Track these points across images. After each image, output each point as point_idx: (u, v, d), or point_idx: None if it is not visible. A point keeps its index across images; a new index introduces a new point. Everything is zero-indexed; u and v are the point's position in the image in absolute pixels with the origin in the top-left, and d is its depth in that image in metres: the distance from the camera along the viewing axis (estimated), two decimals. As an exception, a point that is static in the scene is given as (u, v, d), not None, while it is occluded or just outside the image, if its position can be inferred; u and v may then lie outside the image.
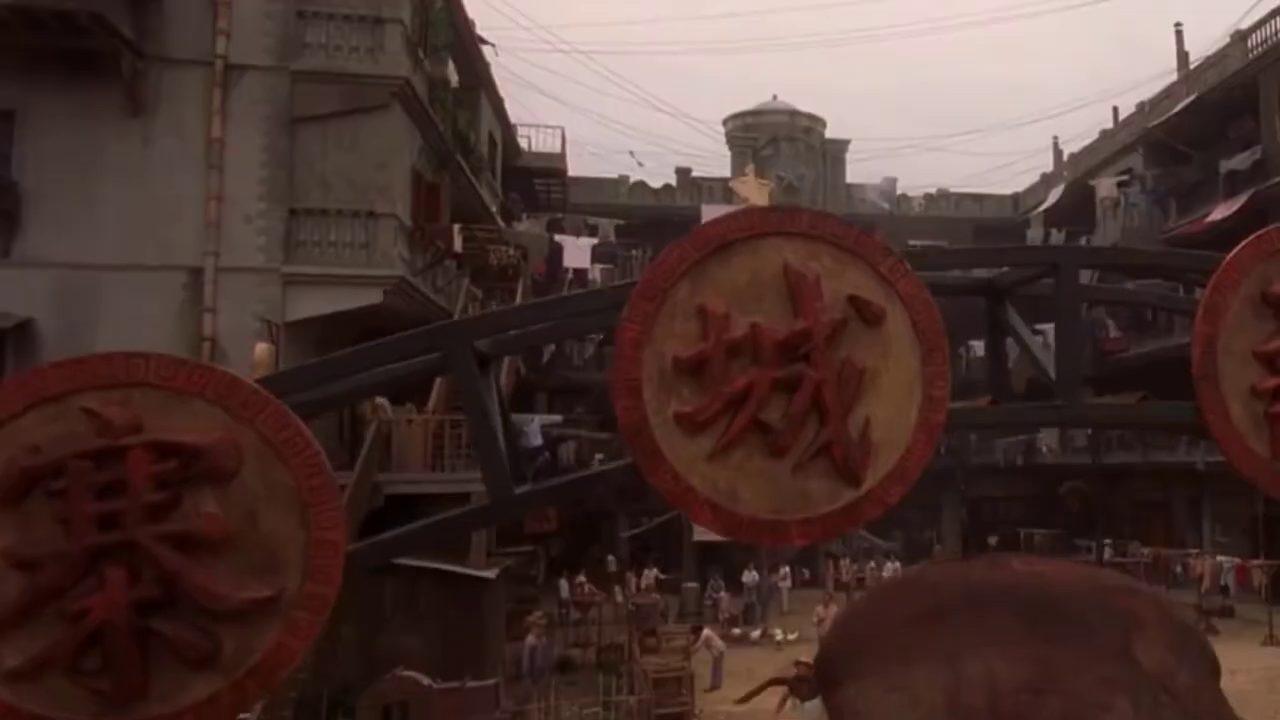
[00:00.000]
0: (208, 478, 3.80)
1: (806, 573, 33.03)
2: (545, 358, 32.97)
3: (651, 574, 29.42)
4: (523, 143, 34.03)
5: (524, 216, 33.17)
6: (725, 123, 44.73)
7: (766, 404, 4.52)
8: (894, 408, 4.68)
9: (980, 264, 6.00)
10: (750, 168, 37.18)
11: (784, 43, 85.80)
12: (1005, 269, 6.59)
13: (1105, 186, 33.59)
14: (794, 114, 44.30)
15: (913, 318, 4.72)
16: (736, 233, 4.59)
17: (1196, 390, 5.16)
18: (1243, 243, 5.27)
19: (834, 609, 21.07)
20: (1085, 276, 25.21)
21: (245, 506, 3.82)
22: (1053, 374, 5.45)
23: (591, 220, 35.54)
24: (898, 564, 32.23)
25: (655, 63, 72.55)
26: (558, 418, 30.16)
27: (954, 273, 7.01)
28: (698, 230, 4.69)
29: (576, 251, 24.55)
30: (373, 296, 18.83)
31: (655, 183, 41.96)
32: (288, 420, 3.96)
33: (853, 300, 4.63)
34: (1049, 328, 24.14)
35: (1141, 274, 8.84)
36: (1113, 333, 32.40)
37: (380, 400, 18.10)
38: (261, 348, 17.39)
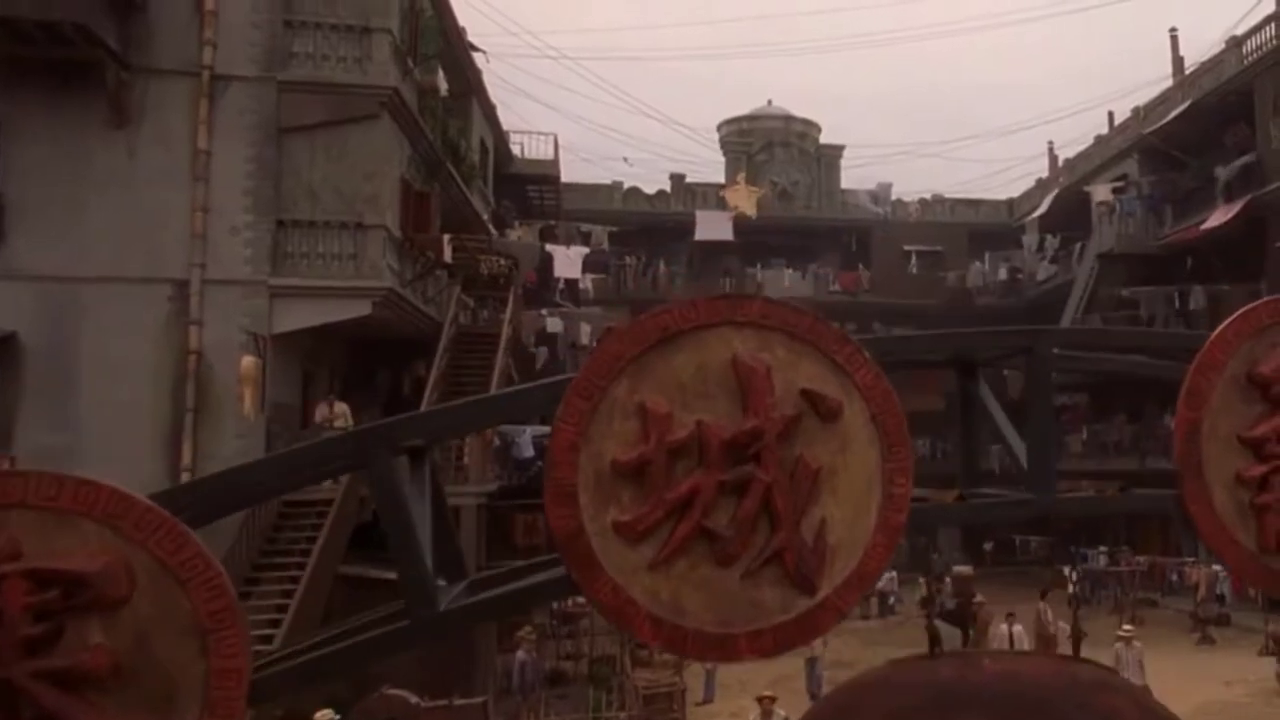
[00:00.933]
0: (94, 606, 3.42)
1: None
2: (539, 365, 32.62)
3: (645, 583, 28.89)
4: (515, 149, 33.71)
5: (517, 224, 32.85)
6: (720, 128, 44.43)
7: (712, 509, 4.17)
8: (852, 508, 4.32)
9: (949, 347, 5.52)
10: (741, 175, 36.88)
11: (781, 48, 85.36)
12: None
13: (1100, 193, 33.27)
14: (789, 119, 44.00)
15: (872, 410, 4.33)
16: (681, 323, 4.20)
17: (1178, 479, 4.77)
18: (1227, 320, 4.91)
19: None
20: (1085, 273, 24.71)
21: (137, 636, 3.43)
22: (1024, 461, 5.01)
23: (585, 227, 35.26)
24: (894, 574, 31.74)
25: (648, 69, 72.05)
26: (549, 429, 29.78)
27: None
28: (638, 322, 4.26)
29: (567, 261, 24.19)
30: (361, 308, 18.54)
31: (649, 188, 41.72)
32: (185, 540, 3.58)
33: (807, 394, 4.26)
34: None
35: (1120, 347, 8.09)
36: (1107, 339, 32.07)
37: (341, 408, 17.73)
38: (248, 361, 17.14)
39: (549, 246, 25.79)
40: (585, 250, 26.84)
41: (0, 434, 16.88)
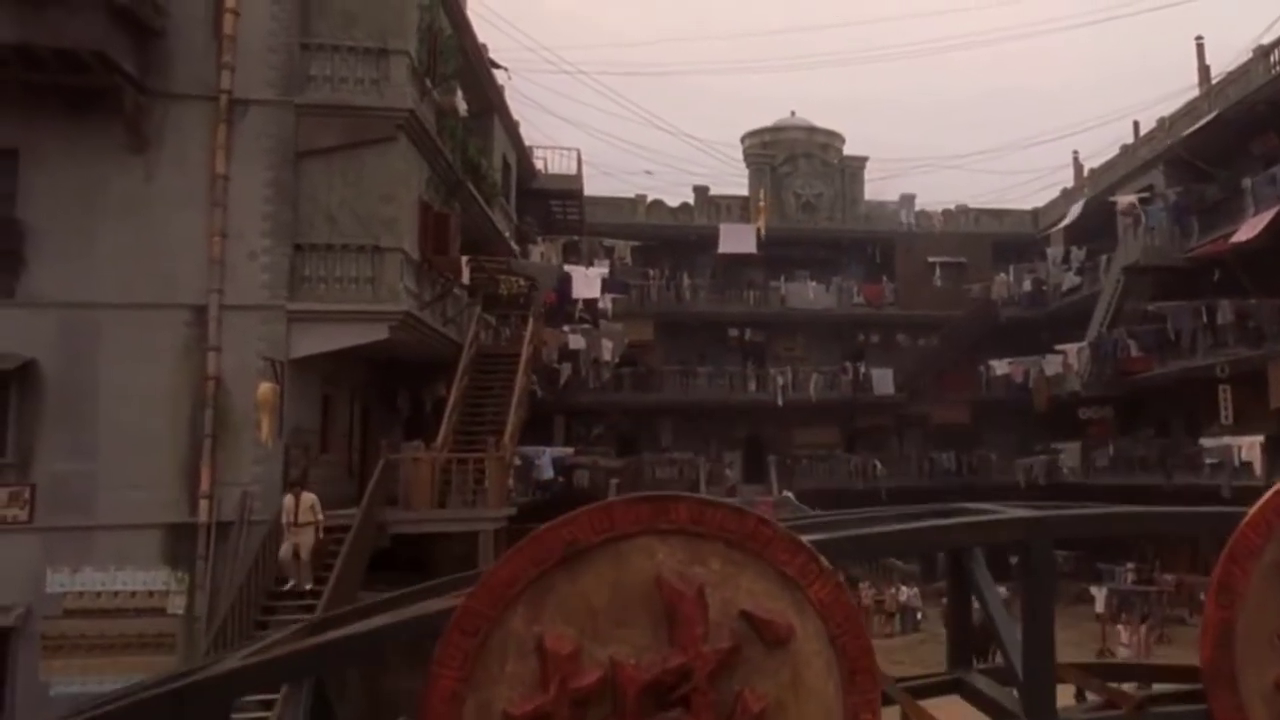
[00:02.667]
0: None
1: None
2: (562, 381, 32.35)
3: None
4: (538, 164, 33.41)
5: (539, 239, 32.54)
6: (743, 140, 43.93)
7: None
8: None
9: (930, 544, 4.84)
10: (761, 192, 36.43)
11: (802, 61, 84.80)
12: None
13: (1126, 204, 32.55)
14: (812, 130, 43.44)
15: (830, 632, 3.57)
16: (591, 535, 3.46)
17: (1208, 691, 4.00)
18: (1263, 497, 4.23)
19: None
20: (1110, 286, 23.86)
21: None
22: (1019, 668, 4.21)
23: (608, 242, 34.91)
24: (916, 590, 31.19)
25: (670, 82, 71.74)
26: (569, 450, 29.59)
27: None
28: (537, 535, 3.53)
29: (586, 282, 23.79)
30: (379, 332, 18.31)
31: (673, 201, 41.31)
32: None
33: (748, 616, 3.52)
34: (1070, 347, 23.00)
35: (1130, 527, 6.88)
36: (1134, 352, 31.35)
37: (308, 499, 16.20)
38: (265, 387, 16.94)
39: (567, 267, 25.47)
40: (604, 271, 26.47)
41: (20, 462, 16.75)
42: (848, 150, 43.89)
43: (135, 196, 17.50)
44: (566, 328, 28.90)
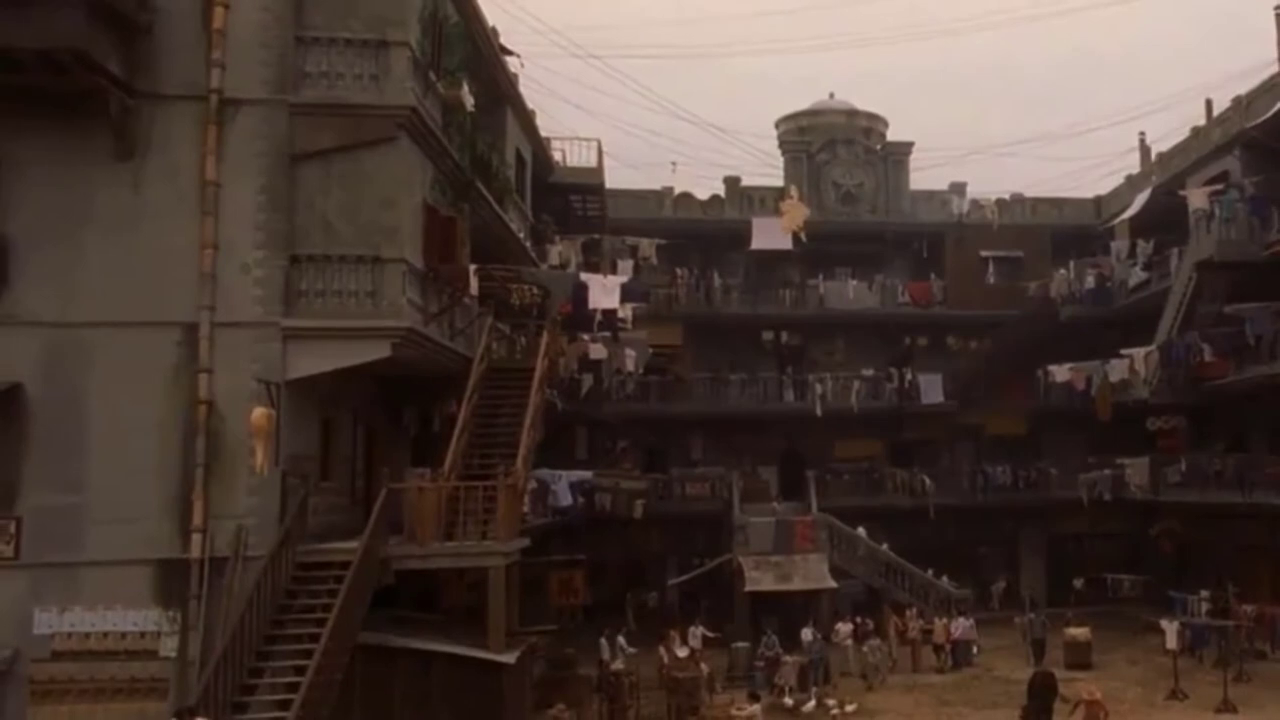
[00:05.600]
0: None
1: (870, 624, 32.37)
2: (583, 391, 32.52)
3: (698, 633, 28.37)
4: (556, 156, 33.54)
5: (557, 238, 32.63)
6: (777, 125, 43.68)
7: None
8: None
9: None
10: (794, 189, 36.37)
11: (836, 40, 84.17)
12: None
13: (1198, 198, 31.96)
14: (852, 113, 43.12)
15: None
16: None
17: None
18: None
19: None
20: (1181, 284, 23.64)
21: None
22: None
23: (631, 240, 34.97)
24: (971, 621, 30.93)
25: (697, 65, 71.24)
26: (588, 474, 29.71)
27: None
28: None
29: (604, 292, 23.86)
30: (380, 350, 18.40)
31: (702, 193, 41.13)
32: None
33: None
34: (1136, 352, 22.94)
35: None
36: (1208, 357, 30.95)
37: None
38: (258, 412, 17.02)
39: (584, 275, 25.56)
40: (623, 279, 26.54)
41: (5, 494, 16.93)
42: (891, 135, 43.60)
43: (123, 207, 17.70)
44: (586, 336, 29.01)
